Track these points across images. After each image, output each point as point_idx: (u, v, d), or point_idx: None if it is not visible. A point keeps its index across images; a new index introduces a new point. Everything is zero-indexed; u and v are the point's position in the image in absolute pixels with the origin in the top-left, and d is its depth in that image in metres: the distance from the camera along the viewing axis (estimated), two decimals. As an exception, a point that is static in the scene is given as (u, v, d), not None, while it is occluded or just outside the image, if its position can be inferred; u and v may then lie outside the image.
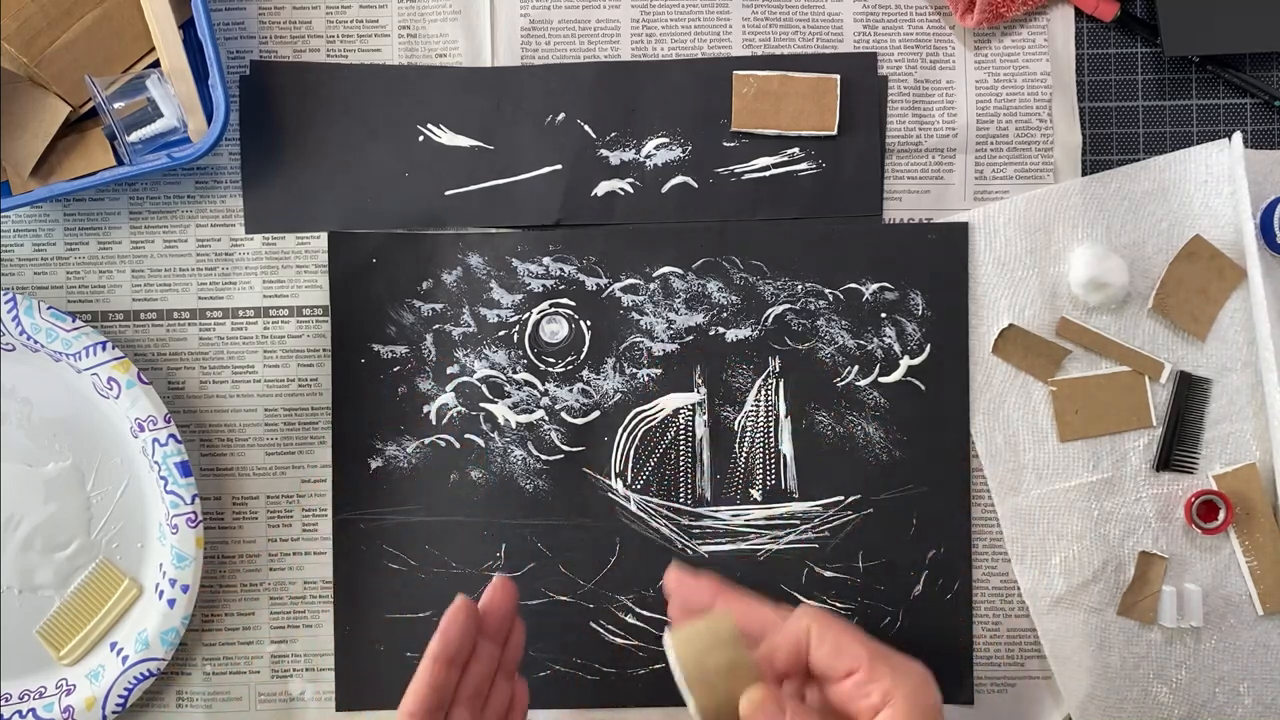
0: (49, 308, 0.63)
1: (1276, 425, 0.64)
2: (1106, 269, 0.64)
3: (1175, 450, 0.65)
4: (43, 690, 0.65)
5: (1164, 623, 0.65)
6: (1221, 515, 0.65)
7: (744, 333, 0.66)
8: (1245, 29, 0.65)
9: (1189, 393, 0.65)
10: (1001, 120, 0.66)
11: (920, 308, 0.66)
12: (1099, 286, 0.64)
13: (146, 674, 0.64)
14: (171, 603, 0.64)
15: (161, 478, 0.63)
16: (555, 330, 0.66)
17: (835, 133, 0.66)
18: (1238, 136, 0.64)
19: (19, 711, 0.64)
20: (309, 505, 0.66)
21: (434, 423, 0.66)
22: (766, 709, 0.49)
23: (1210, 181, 0.65)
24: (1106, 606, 0.65)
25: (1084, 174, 0.66)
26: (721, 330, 0.66)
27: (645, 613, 0.66)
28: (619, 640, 0.66)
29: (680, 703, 0.65)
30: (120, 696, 0.64)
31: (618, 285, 0.66)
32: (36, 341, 0.63)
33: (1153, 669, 0.65)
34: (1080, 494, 0.65)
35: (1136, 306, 0.66)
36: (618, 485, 0.66)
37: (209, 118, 0.63)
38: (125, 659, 0.64)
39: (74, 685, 0.64)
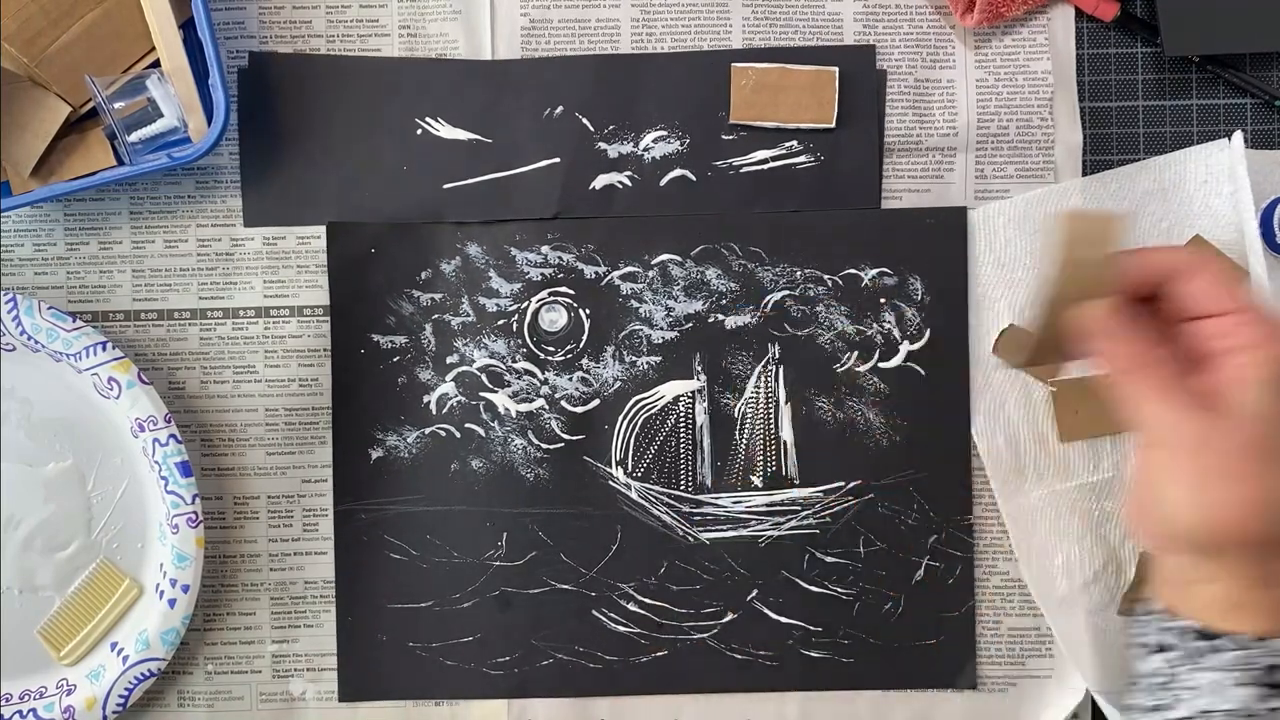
0: (49, 308, 0.63)
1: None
2: (1107, 269, 0.64)
3: (1175, 450, 0.65)
4: (43, 690, 0.65)
5: (1164, 622, 0.65)
6: (1222, 515, 0.64)
7: (743, 319, 0.66)
8: (1245, 29, 0.65)
9: (1189, 392, 0.65)
10: (1002, 119, 0.66)
11: (919, 293, 0.66)
12: (1099, 286, 0.64)
13: (147, 674, 0.64)
14: (172, 603, 0.64)
15: (162, 478, 0.63)
16: (554, 319, 0.66)
17: (833, 125, 0.66)
18: (1238, 136, 0.64)
19: (19, 711, 0.64)
20: (310, 505, 0.67)
21: (434, 412, 0.66)
22: (1107, 327, 0.48)
23: (1210, 181, 0.65)
24: (1107, 607, 0.65)
25: (1084, 174, 0.66)
26: (721, 317, 0.66)
27: (647, 600, 0.66)
28: (621, 628, 0.66)
29: (680, 690, 0.66)
30: (121, 696, 0.64)
31: (616, 273, 0.66)
32: (37, 341, 0.63)
33: (1153, 669, 0.65)
34: (1081, 495, 0.65)
35: (1137, 306, 0.65)
36: (618, 473, 0.66)
37: (209, 117, 0.63)
38: (126, 659, 0.64)
39: (74, 685, 0.64)
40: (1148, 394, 0.47)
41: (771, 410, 0.66)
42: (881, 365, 0.66)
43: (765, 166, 0.66)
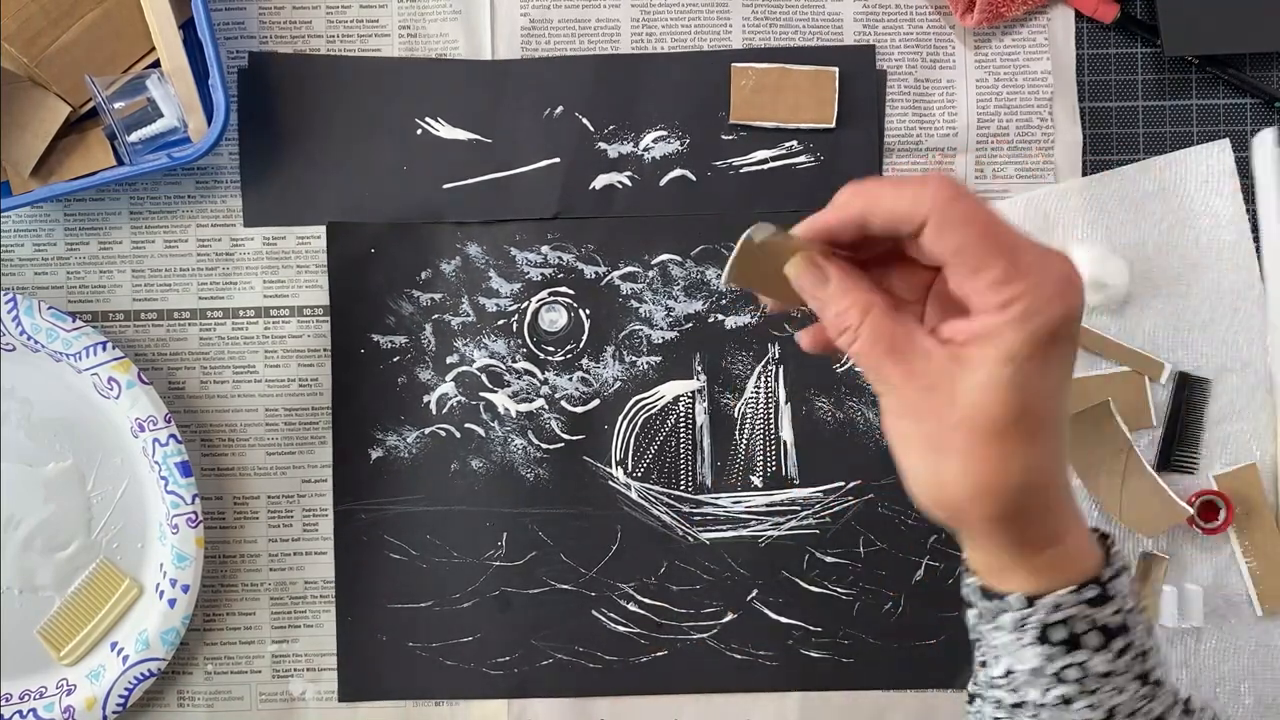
0: (49, 308, 0.63)
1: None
2: (1107, 270, 0.64)
3: (1175, 450, 0.65)
4: (43, 690, 0.65)
5: (1164, 623, 0.65)
6: (1222, 515, 0.65)
7: (743, 319, 0.66)
8: (1245, 29, 0.65)
9: (1189, 393, 0.65)
10: (1002, 119, 0.66)
11: (919, 292, 0.66)
12: (1099, 287, 0.64)
13: (147, 674, 0.64)
14: (172, 603, 0.64)
15: (162, 478, 0.63)
16: (554, 319, 0.66)
17: (833, 125, 0.66)
18: (1269, 134, 0.65)
19: (19, 711, 0.64)
20: (310, 505, 0.67)
21: (434, 412, 0.66)
22: (813, 273, 0.43)
23: (1211, 181, 0.65)
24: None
25: (1084, 174, 0.66)
26: (721, 317, 0.66)
27: (647, 600, 0.66)
28: (620, 628, 0.66)
29: (681, 690, 0.66)
30: (120, 696, 0.64)
31: (616, 273, 0.66)
32: (37, 341, 0.63)
33: (1153, 669, 0.65)
34: (1079, 495, 0.65)
35: (1136, 306, 0.66)
36: (618, 473, 0.66)
37: (209, 117, 0.63)
38: (126, 659, 0.64)
39: (74, 685, 0.64)
40: (876, 354, 0.41)
41: (771, 410, 0.66)
42: (882, 365, 0.66)
43: (765, 166, 0.66)
